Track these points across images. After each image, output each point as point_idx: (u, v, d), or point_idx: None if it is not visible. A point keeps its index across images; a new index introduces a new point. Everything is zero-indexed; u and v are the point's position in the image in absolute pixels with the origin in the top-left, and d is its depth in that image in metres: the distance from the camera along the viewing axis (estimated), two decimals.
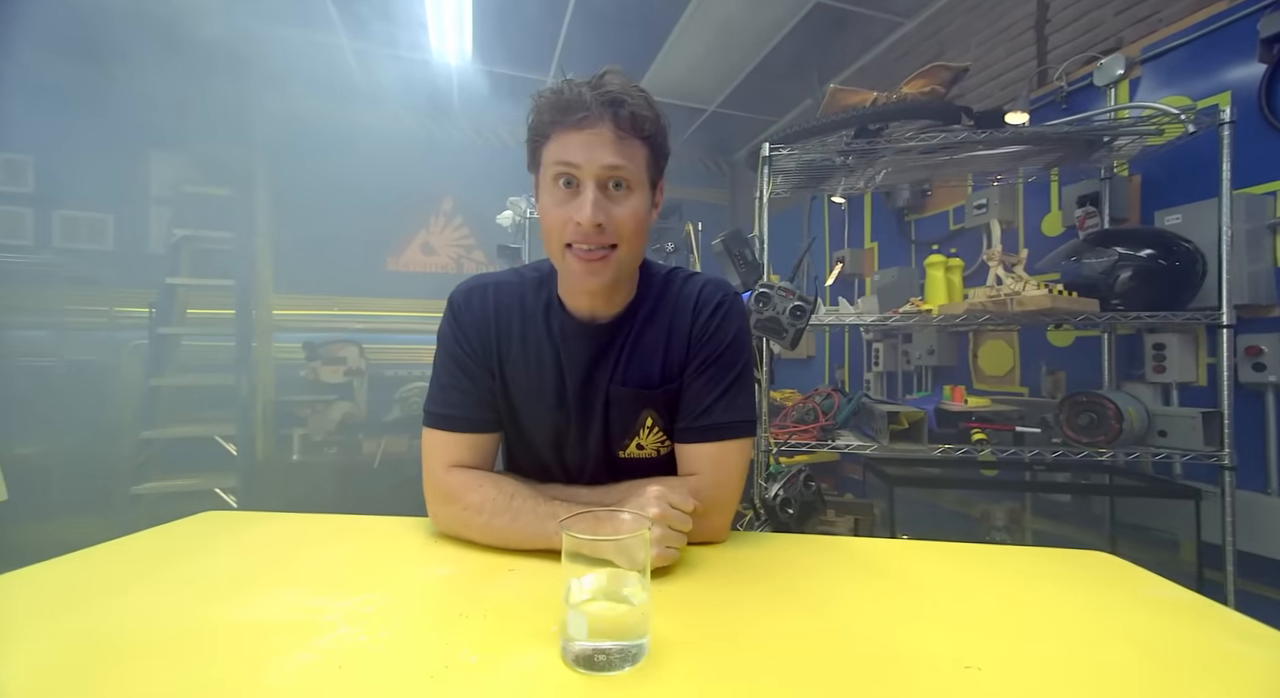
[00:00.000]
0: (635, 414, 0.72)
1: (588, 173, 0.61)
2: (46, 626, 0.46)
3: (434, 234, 3.76)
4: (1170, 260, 1.38)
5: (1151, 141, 1.53)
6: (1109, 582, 0.58)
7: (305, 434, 3.09)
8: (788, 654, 0.43)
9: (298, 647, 0.43)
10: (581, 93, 0.60)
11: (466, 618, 0.48)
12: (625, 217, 0.63)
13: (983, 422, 1.48)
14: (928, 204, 2.60)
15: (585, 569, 0.42)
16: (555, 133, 0.62)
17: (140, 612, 0.49)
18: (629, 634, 0.41)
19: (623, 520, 0.45)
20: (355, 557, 0.64)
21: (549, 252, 0.68)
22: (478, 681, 0.39)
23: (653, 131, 0.63)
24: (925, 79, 1.41)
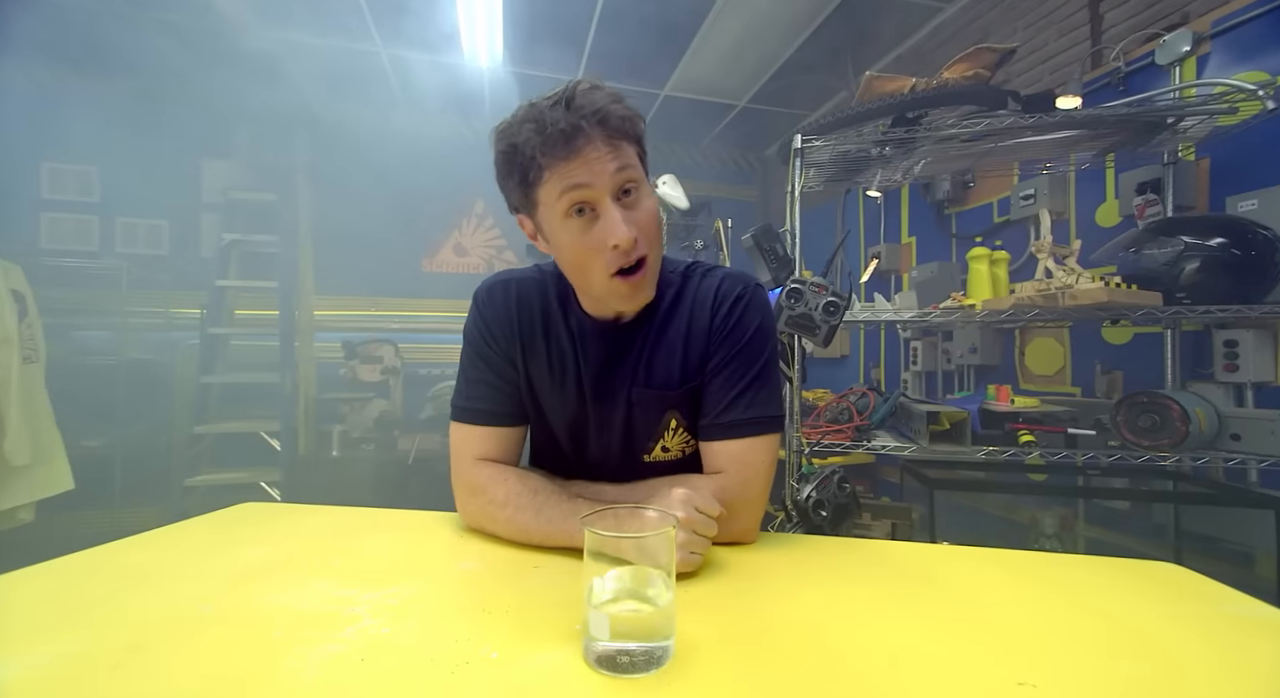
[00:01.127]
0: (658, 416, 0.71)
1: (602, 191, 0.59)
2: (84, 612, 0.48)
3: (466, 235, 3.83)
4: (1245, 250, 1.27)
5: (1223, 122, 1.42)
6: (1181, 596, 0.53)
7: (344, 431, 3.18)
8: (822, 665, 0.40)
9: (323, 637, 0.43)
10: (565, 117, 0.57)
11: (490, 614, 0.47)
12: (645, 219, 0.62)
13: (1031, 423, 1.40)
14: (970, 196, 2.49)
15: (608, 568, 0.41)
16: (552, 167, 0.59)
17: (176, 598, 0.50)
18: (653, 636, 0.39)
19: (647, 518, 0.43)
20: (386, 550, 0.65)
21: (583, 283, 0.66)
22: (498, 677, 0.38)
23: (636, 129, 0.62)
24: (968, 63, 1.34)
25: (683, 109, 3.71)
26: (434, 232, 3.76)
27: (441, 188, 3.69)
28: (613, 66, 3.21)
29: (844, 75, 3.29)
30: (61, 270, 2.98)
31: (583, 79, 0.61)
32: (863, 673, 0.39)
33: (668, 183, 2.38)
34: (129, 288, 3.13)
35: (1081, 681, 0.38)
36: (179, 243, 3.37)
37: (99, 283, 3.08)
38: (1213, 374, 1.58)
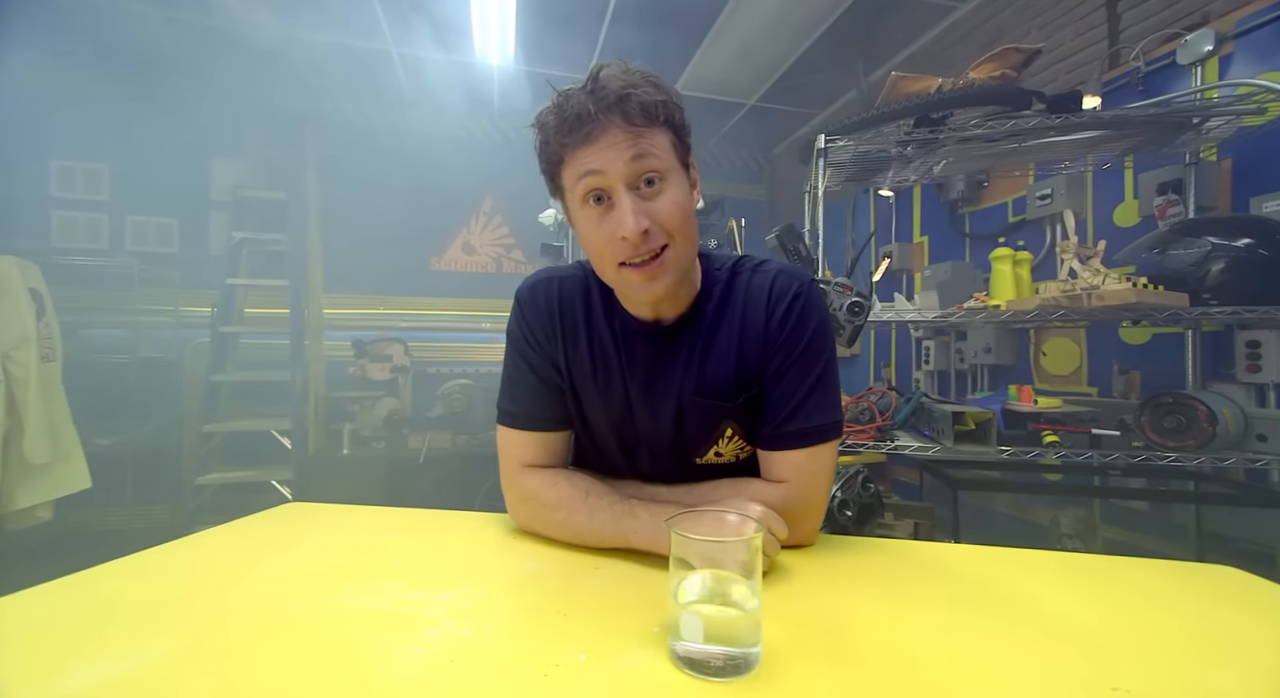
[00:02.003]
0: (714, 425, 0.68)
1: (615, 179, 0.56)
2: (165, 613, 0.48)
3: (474, 234, 3.82)
4: (1273, 250, 1.27)
5: (1248, 122, 1.42)
6: (1248, 600, 0.53)
7: (354, 429, 3.18)
8: (908, 675, 0.40)
9: (406, 639, 0.43)
10: (581, 103, 0.55)
11: (565, 616, 0.47)
12: (668, 210, 0.58)
13: (1054, 424, 1.40)
14: (984, 196, 2.48)
15: (696, 571, 0.41)
16: (569, 153, 0.57)
17: (251, 599, 0.50)
18: (744, 641, 0.39)
19: (736, 523, 0.43)
20: (441, 551, 0.65)
21: (602, 275, 0.64)
22: (590, 680, 0.38)
23: (668, 113, 0.58)
24: (995, 63, 1.34)
25: (693, 107, 3.64)
26: (442, 230, 3.75)
27: (450, 186, 3.69)
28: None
29: (855, 74, 3.28)
30: (73, 269, 2.98)
31: (612, 61, 0.59)
32: (952, 682, 0.39)
33: None
34: (140, 286, 3.13)
35: (1174, 687, 0.38)
36: (189, 241, 3.36)
37: (110, 281, 3.08)
38: (1234, 375, 1.58)
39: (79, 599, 0.50)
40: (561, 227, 2.56)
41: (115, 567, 0.57)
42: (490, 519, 0.75)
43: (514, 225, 3.84)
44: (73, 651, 0.41)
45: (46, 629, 0.44)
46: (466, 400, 3.45)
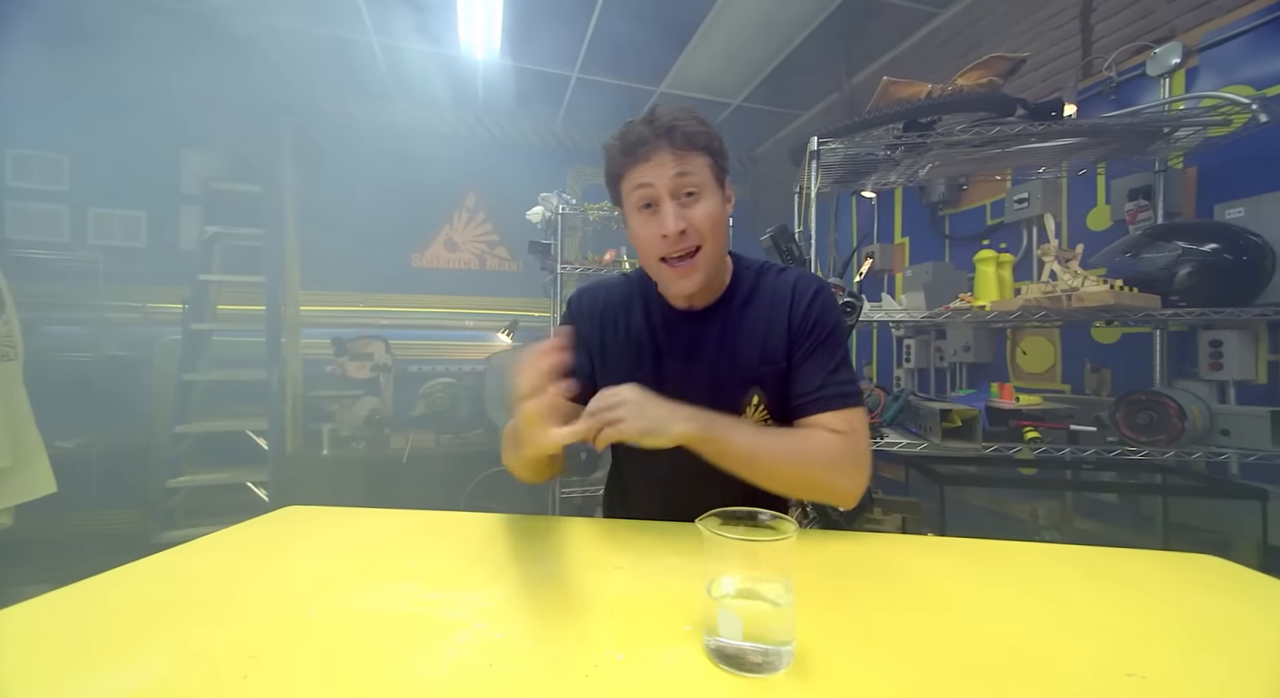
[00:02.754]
0: (743, 393, 0.78)
1: (661, 189, 0.70)
2: (186, 617, 0.47)
3: (457, 230, 3.77)
4: (1237, 255, 1.34)
5: (1214, 133, 1.49)
6: (1236, 587, 0.56)
7: (334, 429, 3.11)
8: (936, 664, 0.42)
9: (439, 642, 0.43)
10: (640, 131, 0.70)
11: (594, 616, 0.48)
12: (701, 217, 0.71)
13: (1035, 420, 1.45)
14: (963, 199, 2.55)
15: (730, 570, 0.42)
16: (627, 170, 0.72)
17: (272, 603, 0.49)
18: (781, 637, 0.40)
19: (769, 522, 0.44)
20: (455, 552, 0.64)
21: (646, 267, 0.78)
22: (632, 679, 0.39)
23: (707, 142, 0.72)
24: (982, 70, 1.38)
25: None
26: (425, 226, 3.69)
27: (433, 181, 3.62)
28: (611, 62, 3.19)
29: (838, 77, 3.34)
30: (32, 262, 2.84)
31: (671, 104, 0.73)
32: (979, 673, 0.41)
33: None
34: (105, 281, 3.00)
35: (1184, 673, 0.40)
36: (157, 235, 3.23)
37: (74, 276, 2.94)
38: (1198, 373, 1.66)
39: (87, 608, 0.48)
40: (549, 224, 2.55)
41: (120, 574, 0.55)
42: (499, 520, 0.75)
43: (498, 222, 3.79)
44: (87, 662, 0.39)
45: (57, 641, 0.43)
46: (450, 399, 3.41)
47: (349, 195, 3.41)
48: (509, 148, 3.83)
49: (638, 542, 0.66)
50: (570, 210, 2.30)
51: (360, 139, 3.47)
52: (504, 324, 3.48)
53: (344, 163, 3.42)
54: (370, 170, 3.43)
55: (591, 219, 2.36)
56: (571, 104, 3.67)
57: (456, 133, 3.71)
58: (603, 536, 0.69)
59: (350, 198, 3.41)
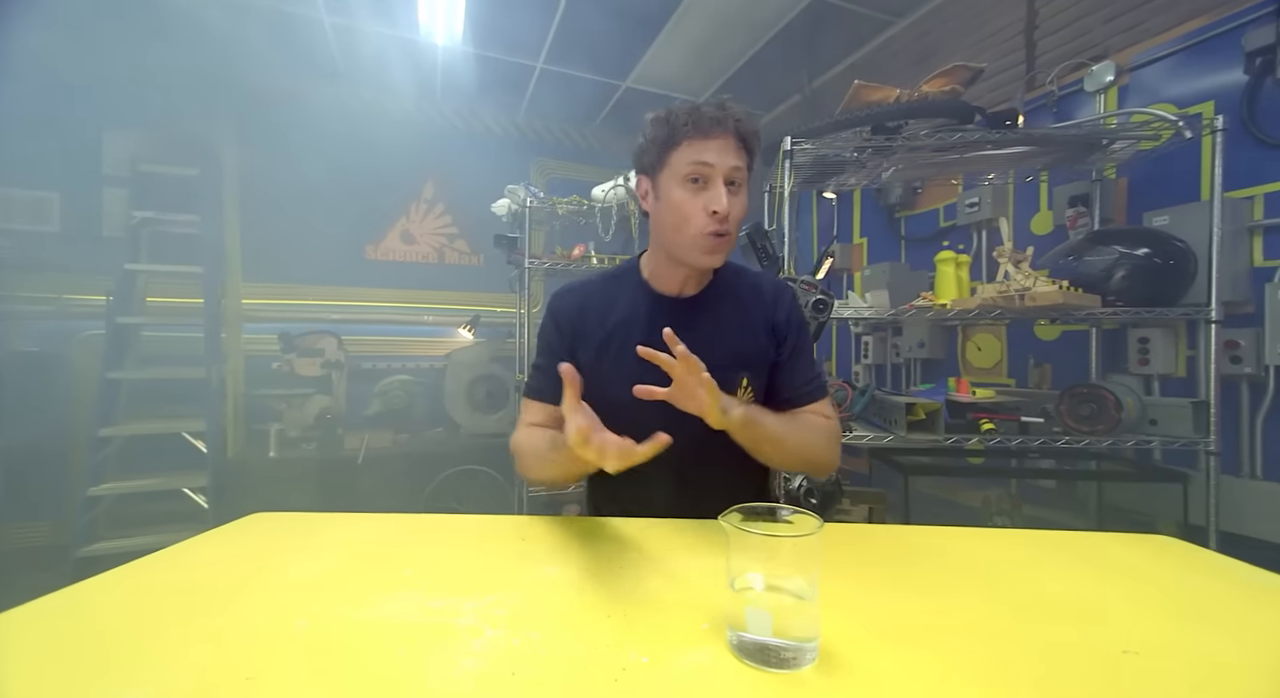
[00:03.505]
0: (734, 377, 0.81)
1: (719, 171, 0.74)
2: (164, 638, 0.42)
3: (414, 222, 3.62)
4: (1165, 259, 1.46)
5: (1144, 146, 1.62)
6: (1197, 565, 0.61)
7: (281, 430, 2.93)
8: (954, 652, 0.43)
9: (454, 651, 0.41)
10: (715, 113, 0.74)
11: (609, 618, 0.47)
12: (738, 210, 0.76)
13: (990, 412, 1.54)
14: (918, 201, 2.67)
15: (755, 565, 0.42)
16: (691, 140, 0.74)
17: (261, 614, 0.46)
18: (808, 632, 0.40)
19: (793, 518, 0.44)
20: (450, 557, 0.61)
21: (673, 237, 0.78)
22: (662, 681, 0.38)
23: (756, 147, 0.78)
24: (946, 78, 1.44)
25: (642, 102, 3.70)
26: (379, 217, 3.52)
27: (387, 170, 3.47)
28: (577, 54, 3.14)
29: (799, 79, 3.41)
30: None
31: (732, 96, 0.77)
32: (992, 657, 0.42)
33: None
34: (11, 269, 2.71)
35: (1173, 648, 0.43)
36: (74, 219, 2.94)
37: None
38: (1128, 367, 1.81)
39: (58, 624, 0.43)
40: (515, 217, 2.48)
41: (75, 593, 0.49)
42: (487, 522, 0.72)
43: (458, 215, 3.67)
44: (66, 683, 0.35)
45: (28, 660, 0.38)
46: (407, 397, 3.28)
47: (296, 182, 3.21)
48: (469, 138, 3.71)
49: (637, 540, 0.65)
50: (538, 203, 2.25)
51: (308, 122, 3.27)
52: (465, 320, 3.38)
53: (290, 147, 3.22)
54: (319, 156, 3.24)
55: (560, 213, 2.31)
56: (535, 95, 3.59)
57: (413, 120, 3.56)
58: (600, 534, 0.67)
59: (297, 185, 3.21)
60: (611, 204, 2.32)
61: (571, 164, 3.98)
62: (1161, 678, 0.39)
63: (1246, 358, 1.55)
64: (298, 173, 3.19)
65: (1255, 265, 1.57)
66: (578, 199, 2.34)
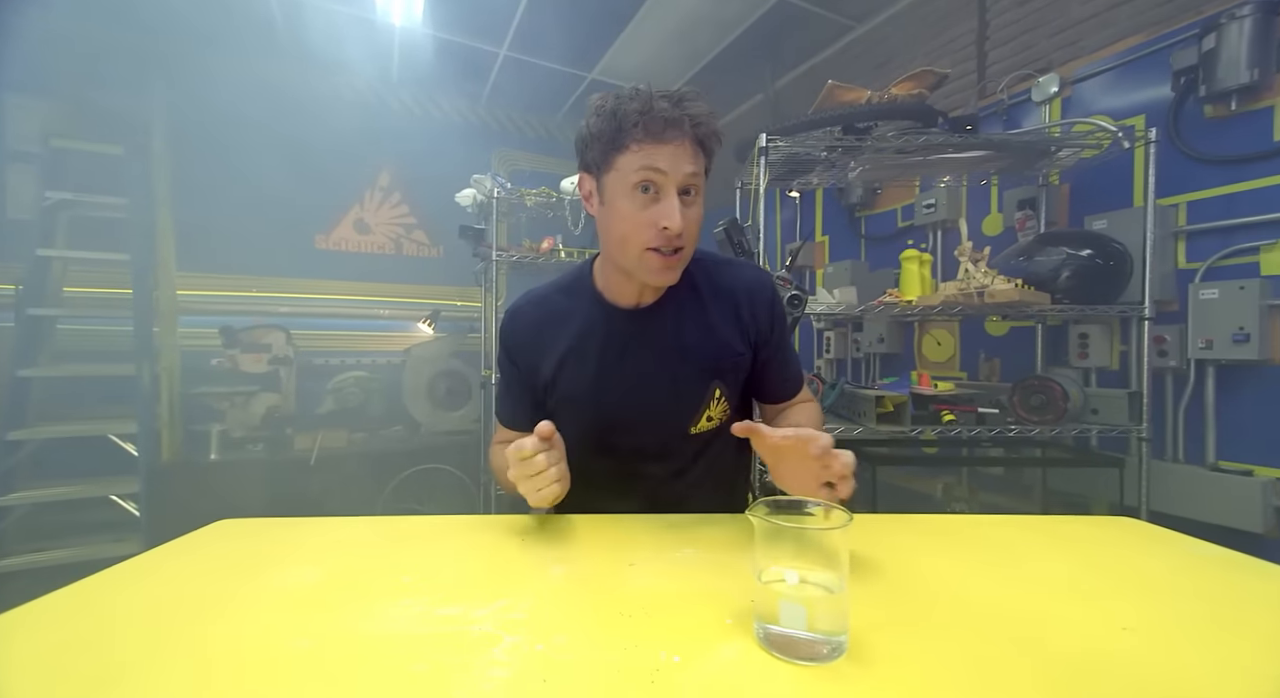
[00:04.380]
0: (704, 386, 0.78)
1: (672, 181, 0.66)
2: (149, 658, 0.38)
3: (369, 211, 3.45)
4: (1106, 260, 1.57)
5: (1087, 154, 1.73)
6: (1164, 545, 0.65)
7: (224, 430, 2.74)
8: (981, 636, 0.44)
9: (476, 661, 0.38)
10: (672, 111, 0.65)
11: (631, 617, 0.45)
12: (694, 221, 0.69)
13: (951, 404, 1.61)
14: (878, 202, 2.77)
15: (786, 558, 0.41)
16: (641, 144, 0.65)
17: (252, 633, 0.42)
18: (839, 625, 0.41)
19: (820, 511, 0.44)
20: (445, 561, 0.58)
21: (619, 251, 0.71)
22: (698, 680, 0.37)
23: (716, 147, 0.70)
24: (914, 82, 1.49)
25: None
26: (330, 205, 3.34)
27: (340, 155, 3.28)
28: (542, 43, 3.07)
29: (761, 80, 3.47)
30: None
31: (692, 88, 0.68)
32: (1002, 635, 0.44)
33: None
34: None
35: (1168, 623, 0.46)
36: None
37: None
38: (1069, 361, 1.94)
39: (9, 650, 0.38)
40: (481, 208, 2.41)
41: (34, 610, 0.44)
42: (477, 522, 0.70)
43: (416, 204, 3.53)
44: None
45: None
46: (363, 394, 3.14)
47: (236, 164, 2.99)
48: (428, 125, 3.57)
49: (637, 536, 0.64)
50: (505, 194, 2.19)
51: (250, 100, 3.05)
52: (425, 314, 3.26)
53: (229, 126, 2.99)
54: (263, 137, 3.04)
55: (529, 205, 2.26)
56: (497, 83, 3.49)
57: (367, 103, 3.39)
58: (597, 532, 0.66)
59: (238, 167, 3.00)
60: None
61: (534, 155, 3.90)
62: (1163, 654, 0.41)
63: (1172, 352, 1.69)
64: (238, 154, 2.98)
65: (1179, 267, 1.71)
66: (546, 191, 2.29)
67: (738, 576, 0.53)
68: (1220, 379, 1.63)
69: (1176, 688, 0.37)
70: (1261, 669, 0.39)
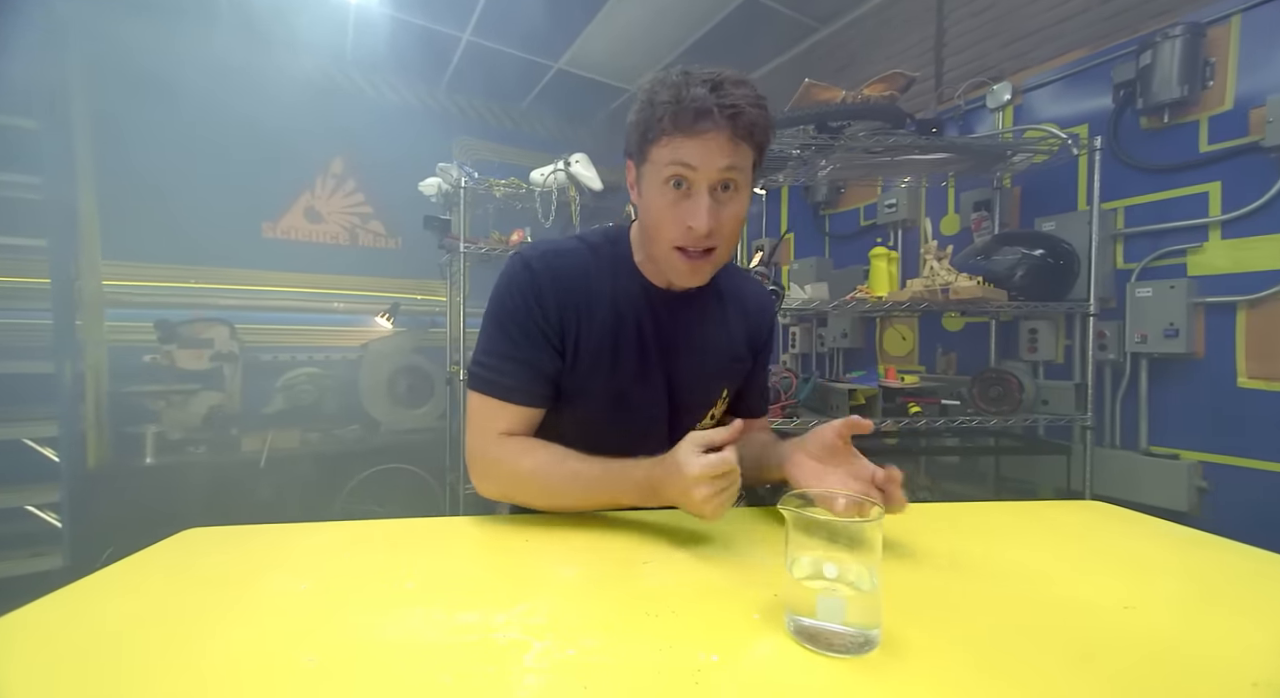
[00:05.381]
0: (718, 386, 0.79)
1: (703, 178, 0.62)
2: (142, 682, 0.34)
3: (321, 199, 3.27)
4: (1057, 259, 1.67)
5: (1038, 159, 1.83)
6: (1134, 526, 0.70)
7: (160, 432, 2.54)
8: (1004, 623, 0.46)
9: (508, 669, 0.36)
10: (704, 100, 0.59)
11: (658, 617, 0.44)
12: (731, 219, 0.65)
13: (917, 396, 1.68)
14: (841, 200, 2.85)
15: (816, 551, 0.41)
16: (672, 135, 0.61)
17: (252, 651, 0.38)
18: (874, 618, 0.41)
19: (854, 503, 0.44)
20: (447, 566, 0.55)
21: (652, 245, 0.69)
22: (742, 678, 0.36)
23: (764, 135, 0.64)
24: (885, 84, 1.54)
25: (574, 86, 3.60)
26: (278, 191, 3.14)
27: (287, 139, 3.09)
28: (507, 29, 2.98)
29: None
30: None
31: (735, 72, 0.62)
32: (1018, 619, 0.45)
33: (580, 162, 2.32)
34: None
35: (1166, 599, 0.49)
36: None
37: None
38: (1019, 355, 2.05)
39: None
40: (448, 198, 2.32)
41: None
42: (469, 524, 0.67)
43: (372, 192, 3.36)
44: None
45: None
46: (316, 391, 2.98)
47: (171, 144, 2.77)
48: (384, 110, 3.41)
49: (644, 534, 0.63)
50: (473, 184, 2.11)
51: (189, 74, 2.82)
52: (383, 308, 3.13)
53: (161, 102, 2.76)
54: (204, 116, 2.82)
55: (498, 196, 2.19)
56: (459, 69, 3.37)
57: (317, 84, 3.20)
58: (601, 529, 0.64)
59: (173, 147, 2.77)
60: (552, 189, 2.23)
61: (497, 145, 3.79)
62: (1167, 629, 0.44)
63: (1111, 346, 1.82)
64: (174, 132, 2.75)
65: (1118, 267, 1.84)
66: (516, 182, 2.23)
67: (751, 570, 0.53)
68: (1152, 371, 1.76)
69: (1190, 660, 0.39)
70: (1262, 641, 0.42)
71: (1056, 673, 0.37)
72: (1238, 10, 1.62)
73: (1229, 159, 1.62)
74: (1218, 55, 1.65)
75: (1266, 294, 1.55)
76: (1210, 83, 1.66)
